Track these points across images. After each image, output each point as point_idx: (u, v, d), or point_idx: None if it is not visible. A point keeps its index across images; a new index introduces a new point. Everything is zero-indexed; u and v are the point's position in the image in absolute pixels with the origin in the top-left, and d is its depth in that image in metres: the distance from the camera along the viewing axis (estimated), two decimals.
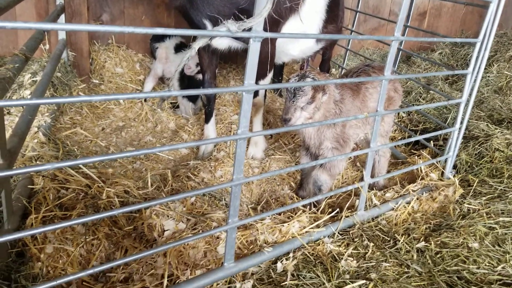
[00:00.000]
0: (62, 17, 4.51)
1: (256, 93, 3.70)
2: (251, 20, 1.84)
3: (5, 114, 3.57)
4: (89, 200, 2.81)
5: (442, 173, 3.56)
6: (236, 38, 3.21)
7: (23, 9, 4.69)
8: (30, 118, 2.90)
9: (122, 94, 1.56)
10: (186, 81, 4.70)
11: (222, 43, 3.42)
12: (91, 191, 2.90)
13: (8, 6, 2.25)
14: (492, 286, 2.39)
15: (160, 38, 4.85)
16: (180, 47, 4.80)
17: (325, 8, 3.86)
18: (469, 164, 3.75)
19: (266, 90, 4.15)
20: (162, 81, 5.16)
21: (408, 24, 4.61)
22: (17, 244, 2.37)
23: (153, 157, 3.83)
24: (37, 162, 3.08)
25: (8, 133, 2.78)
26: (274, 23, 3.25)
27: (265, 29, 1.96)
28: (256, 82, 2.02)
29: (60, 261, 2.35)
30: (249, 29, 1.90)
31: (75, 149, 3.53)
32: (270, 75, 3.67)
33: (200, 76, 4.68)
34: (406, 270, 2.48)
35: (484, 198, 3.25)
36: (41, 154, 3.14)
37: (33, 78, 3.99)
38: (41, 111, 3.73)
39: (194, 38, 3.83)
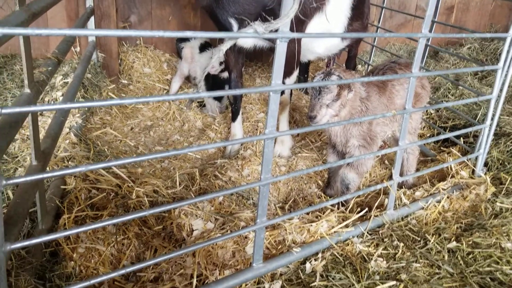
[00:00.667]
0: (92, 19, 4.60)
1: (282, 92, 3.70)
2: (278, 21, 1.84)
3: (38, 116, 3.66)
4: (119, 200, 2.86)
5: (473, 171, 3.49)
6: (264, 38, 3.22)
7: (54, 12, 4.80)
8: (63, 119, 2.97)
9: (153, 96, 1.59)
10: (210, 80, 4.73)
11: (247, 42, 3.44)
12: (121, 190, 2.95)
13: (41, 11, 2.30)
14: None
15: (186, 38, 4.89)
16: (205, 47, 4.84)
17: (350, 6, 3.83)
18: (500, 161, 3.66)
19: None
20: (188, 80, 5.21)
21: (435, 19, 4.54)
22: (51, 244, 2.43)
23: (181, 156, 3.87)
24: (69, 162, 3.15)
25: (41, 135, 2.85)
26: (299, 22, 3.24)
27: (291, 29, 1.96)
28: (282, 81, 2.03)
29: (92, 260, 2.40)
30: (276, 30, 1.91)
31: (106, 149, 3.60)
32: (295, 73, 3.67)
33: (224, 75, 4.71)
34: (437, 271, 2.45)
35: None
36: (72, 155, 3.21)
37: (64, 79, 4.08)
38: (72, 112, 3.81)
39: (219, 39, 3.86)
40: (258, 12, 3.09)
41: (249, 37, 1.82)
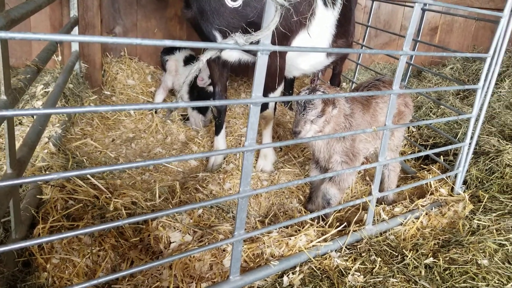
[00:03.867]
0: (76, 29, 4.58)
1: (265, 106, 3.70)
2: (258, 33, 1.85)
3: (17, 124, 3.61)
4: (96, 211, 2.82)
5: (452, 188, 3.52)
6: (246, 51, 3.23)
7: (38, 21, 4.77)
8: (41, 128, 2.93)
9: (130, 104, 1.57)
10: (195, 93, 4.73)
11: (231, 55, 3.45)
12: (99, 202, 2.91)
13: (21, 18, 2.29)
14: None
15: (170, 50, 4.90)
16: (190, 60, 4.85)
17: (335, 23, 3.86)
18: (479, 179, 3.70)
19: (276, 103, 4.15)
20: (172, 93, 5.19)
21: (419, 39, 4.61)
22: (24, 253, 2.38)
23: (162, 169, 3.84)
24: (47, 172, 3.10)
25: (18, 143, 2.81)
26: (283, 37, 3.26)
27: (274, 43, 1.97)
28: (266, 95, 2.03)
29: (66, 271, 2.36)
30: (257, 42, 1.91)
31: (84, 160, 3.55)
32: (279, 89, 3.68)
33: (211, 88, 4.73)
34: (414, 286, 2.44)
35: (494, 214, 3.20)
36: (50, 165, 3.16)
37: (45, 89, 4.04)
38: (52, 122, 3.77)
39: (204, 50, 3.85)
40: (241, 25, 3.11)
41: (230, 48, 1.82)
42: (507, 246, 2.83)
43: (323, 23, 3.72)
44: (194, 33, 3.53)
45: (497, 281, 2.51)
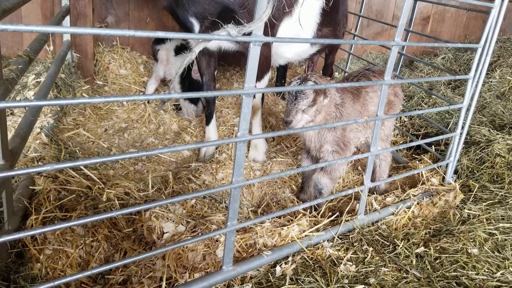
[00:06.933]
0: (67, 18, 4.54)
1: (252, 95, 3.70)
2: (251, 25, 1.85)
3: (8, 115, 3.59)
4: (89, 202, 2.82)
5: (443, 178, 3.55)
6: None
7: (29, 10, 4.73)
8: (33, 119, 2.91)
9: (123, 96, 1.57)
10: (186, 83, 4.72)
11: (210, 43, 3.42)
12: (92, 192, 2.91)
13: (12, 8, 2.26)
14: None
15: (161, 40, 4.88)
16: (180, 49, 4.83)
17: (320, 12, 3.83)
18: (470, 169, 3.74)
19: (263, 93, 4.14)
20: (164, 82, 5.18)
21: (411, 29, 4.62)
22: (17, 244, 2.38)
23: (155, 159, 3.84)
24: (39, 163, 3.09)
25: (10, 134, 2.80)
26: (270, 26, 3.26)
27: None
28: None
29: (60, 262, 2.36)
30: (249, 33, 1.91)
31: (77, 150, 3.54)
32: (267, 77, 3.67)
33: None
34: (405, 275, 2.48)
35: (484, 203, 3.24)
36: (43, 155, 3.16)
37: (37, 79, 4.01)
38: (44, 112, 3.75)
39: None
40: (218, 12, 3.09)
41: (223, 39, 1.82)
42: (497, 235, 2.87)
43: (307, 11, 3.70)
44: None
45: (487, 270, 2.54)
